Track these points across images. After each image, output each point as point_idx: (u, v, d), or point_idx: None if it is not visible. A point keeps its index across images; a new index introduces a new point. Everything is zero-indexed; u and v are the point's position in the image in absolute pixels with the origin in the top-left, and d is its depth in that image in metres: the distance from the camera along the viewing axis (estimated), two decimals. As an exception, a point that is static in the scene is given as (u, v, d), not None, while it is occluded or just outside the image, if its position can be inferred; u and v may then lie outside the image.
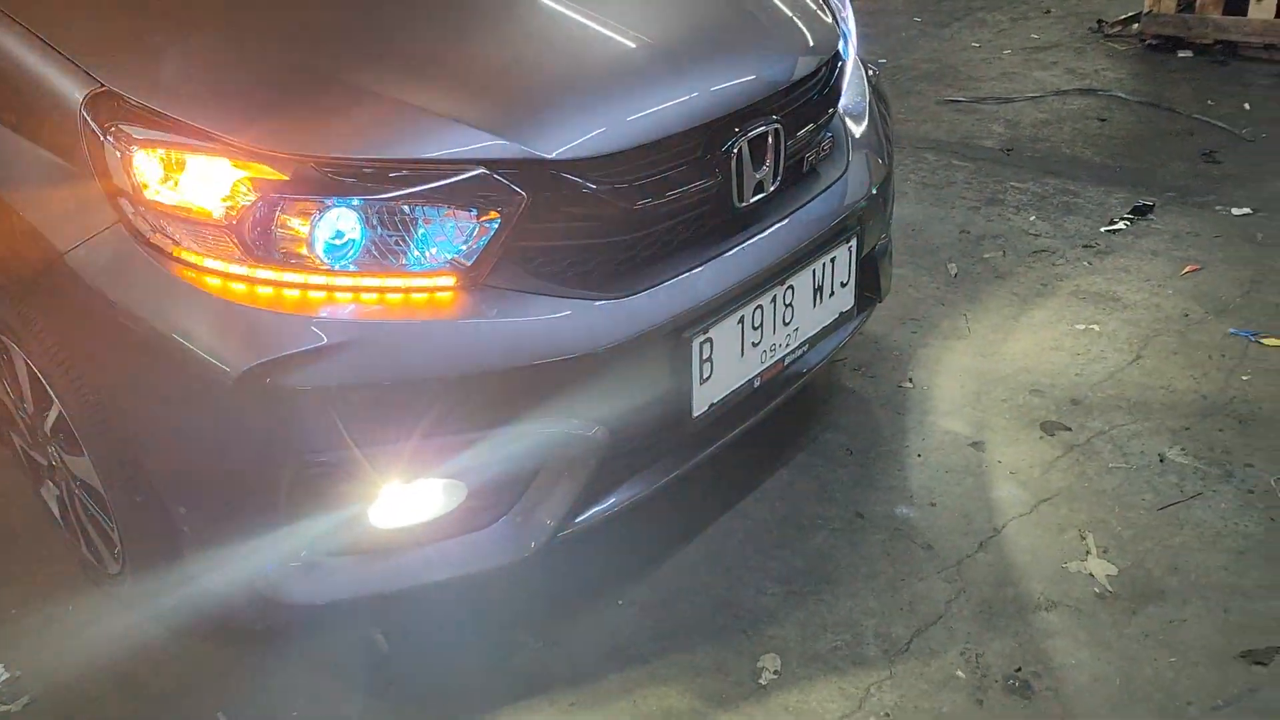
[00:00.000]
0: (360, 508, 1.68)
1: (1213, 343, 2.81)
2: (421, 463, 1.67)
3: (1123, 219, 3.54)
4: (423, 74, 1.72)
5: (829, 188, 2.11)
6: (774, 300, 1.98)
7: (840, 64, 2.21)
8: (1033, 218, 3.60)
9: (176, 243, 1.58)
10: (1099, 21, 5.80)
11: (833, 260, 2.10)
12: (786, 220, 1.99)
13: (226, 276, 1.58)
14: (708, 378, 1.88)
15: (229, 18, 1.81)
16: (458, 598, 2.01)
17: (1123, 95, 4.75)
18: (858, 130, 2.30)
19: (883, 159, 2.34)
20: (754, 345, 1.97)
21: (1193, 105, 4.57)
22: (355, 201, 1.60)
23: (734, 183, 1.87)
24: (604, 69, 1.82)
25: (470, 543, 1.75)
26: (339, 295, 1.61)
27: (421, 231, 1.64)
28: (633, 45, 1.88)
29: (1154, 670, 1.84)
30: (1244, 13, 5.05)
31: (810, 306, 2.08)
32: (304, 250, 1.59)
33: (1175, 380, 2.66)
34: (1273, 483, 2.29)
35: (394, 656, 1.95)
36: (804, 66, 2.05)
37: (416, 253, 1.64)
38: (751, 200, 1.91)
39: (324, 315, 1.59)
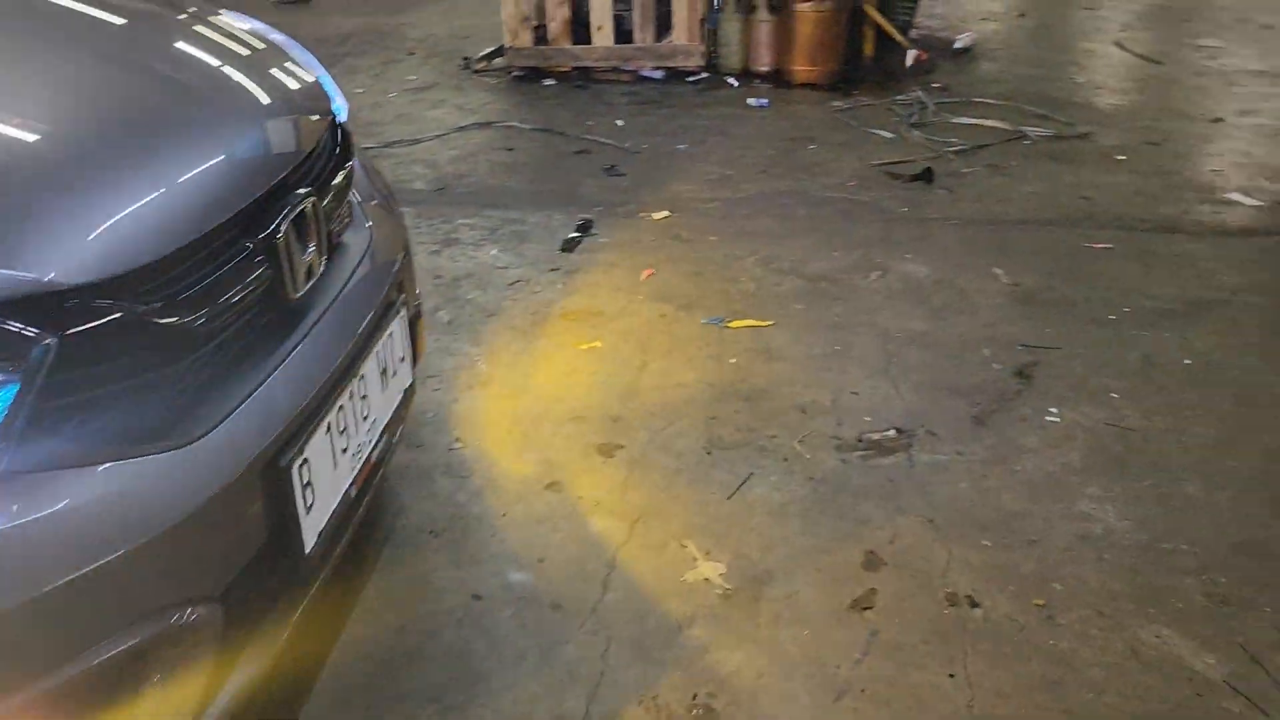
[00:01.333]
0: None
1: (694, 335, 3.08)
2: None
3: (571, 238, 3.74)
4: None
5: (364, 258, 1.90)
6: (351, 396, 1.73)
7: (339, 124, 2.01)
8: (494, 251, 3.65)
9: None
10: (465, 59, 6.10)
11: (390, 336, 1.90)
12: (338, 304, 1.76)
13: None
14: (311, 504, 1.58)
15: None
16: None
17: (517, 124, 5.04)
18: (364, 192, 2.11)
19: (393, 215, 2.18)
20: (344, 452, 1.71)
21: (577, 127, 4.99)
22: None
23: (286, 271, 1.59)
24: (111, 161, 1.43)
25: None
26: None
27: (-106, 421, 1.14)
28: (138, 130, 1.52)
29: (797, 647, 1.96)
30: (589, 41, 5.65)
31: (380, 391, 1.87)
32: None
33: (682, 376, 2.87)
34: (796, 445, 2.57)
35: None
36: (317, 130, 1.83)
37: (-109, 454, 1.14)
38: (305, 289, 1.65)
39: None
